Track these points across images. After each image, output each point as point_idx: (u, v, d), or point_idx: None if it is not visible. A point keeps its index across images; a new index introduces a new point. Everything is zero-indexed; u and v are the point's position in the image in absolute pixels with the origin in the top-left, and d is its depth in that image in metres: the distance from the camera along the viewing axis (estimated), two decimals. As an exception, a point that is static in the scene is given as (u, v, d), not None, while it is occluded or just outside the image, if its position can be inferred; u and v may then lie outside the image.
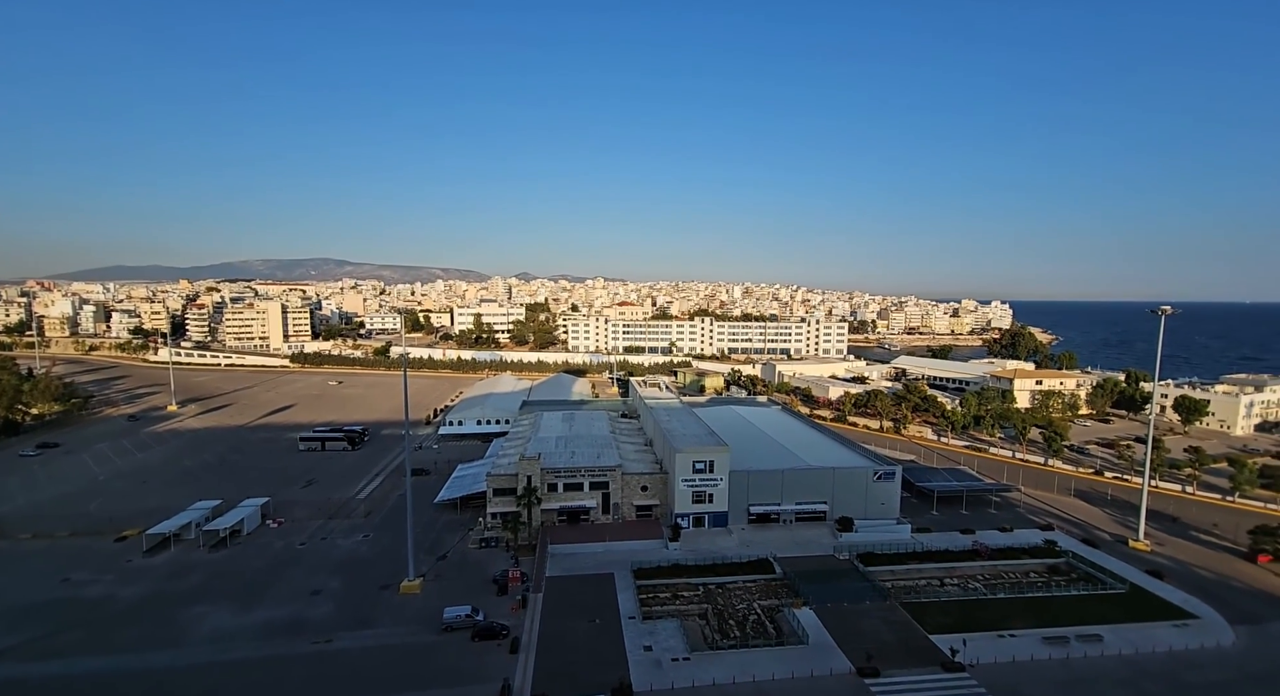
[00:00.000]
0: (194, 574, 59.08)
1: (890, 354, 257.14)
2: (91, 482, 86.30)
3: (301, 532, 69.03)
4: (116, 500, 78.55)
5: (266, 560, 62.19)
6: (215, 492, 78.16)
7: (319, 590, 55.93)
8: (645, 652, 45.94)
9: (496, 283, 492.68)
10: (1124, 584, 56.94)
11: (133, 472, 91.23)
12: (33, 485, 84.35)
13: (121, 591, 55.61)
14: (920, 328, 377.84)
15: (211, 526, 66.35)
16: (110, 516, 71.98)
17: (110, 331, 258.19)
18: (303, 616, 51.45)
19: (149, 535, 64.32)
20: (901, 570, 60.75)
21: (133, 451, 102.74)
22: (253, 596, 54.68)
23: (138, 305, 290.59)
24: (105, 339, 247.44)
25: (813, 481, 72.43)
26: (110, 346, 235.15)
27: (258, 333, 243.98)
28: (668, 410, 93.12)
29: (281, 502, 76.86)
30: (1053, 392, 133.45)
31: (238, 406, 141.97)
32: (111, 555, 62.78)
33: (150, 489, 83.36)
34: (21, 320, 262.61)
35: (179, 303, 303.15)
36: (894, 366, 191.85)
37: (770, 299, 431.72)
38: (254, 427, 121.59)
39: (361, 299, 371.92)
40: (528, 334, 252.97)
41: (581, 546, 64.20)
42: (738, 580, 58.31)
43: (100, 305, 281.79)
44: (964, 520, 73.85)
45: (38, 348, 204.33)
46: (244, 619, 51.05)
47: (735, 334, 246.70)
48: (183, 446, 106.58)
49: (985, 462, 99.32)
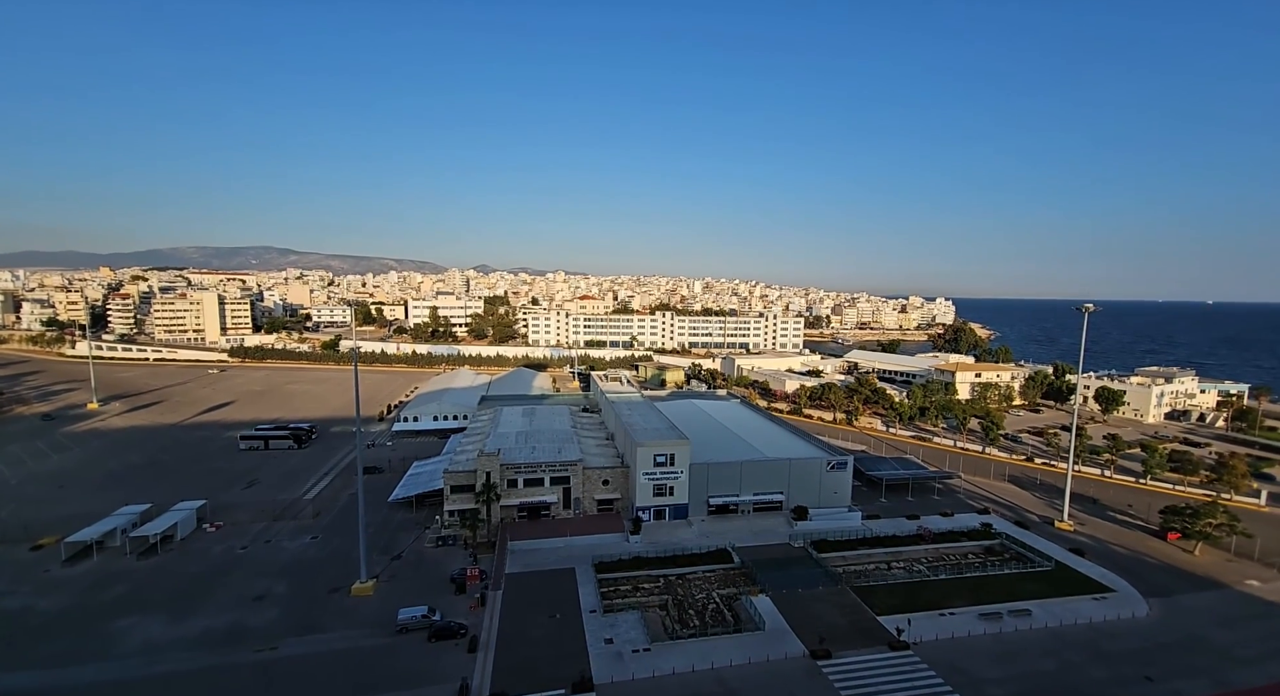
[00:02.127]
0: (121, 583, 55.07)
1: (843, 348, 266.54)
2: (2, 487, 78.85)
3: (243, 536, 65.45)
4: (31, 506, 72.12)
5: (203, 566, 58.66)
6: (145, 496, 72.92)
7: (262, 595, 53.27)
8: (606, 645, 46.20)
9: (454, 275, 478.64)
10: (1050, 561, 61.43)
11: (49, 476, 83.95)
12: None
13: (40, 603, 51.26)
14: (871, 323, 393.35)
15: (140, 532, 61.97)
16: (24, 523, 66.02)
17: (20, 323, 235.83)
18: (244, 624, 48.90)
19: (68, 543, 59.42)
20: (852, 555, 63.41)
21: (48, 453, 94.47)
22: (188, 605, 51.51)
23: (51, 294, 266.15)
24: (15, 331, 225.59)
25: (770, 472, 74.41)
26: (20, 339, 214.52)
27: (191, 325, 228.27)
28: (629, 404, 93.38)
29: (220, 505, 72.62)
30: (990, 385, 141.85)
31: (169, 404, 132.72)
32: (27, 565, 57.71)
33: (69, 493, 76.98)
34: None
35: (99, 292, 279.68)
36: (847, 360, 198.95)
37: (730, 294, 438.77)
38: (188, 426, 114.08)
39: (308, 290, 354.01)
40: (487, 328, 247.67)
41: (542, 542, 63.73)
42: (697, 570, 59.35)
43: (9, 294, 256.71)
44: (910, 506, 77.69)
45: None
46: (178, 629, 48.04)
47: (696, 328, 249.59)
48: (106, 447, 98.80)
49: (930, 451, 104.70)
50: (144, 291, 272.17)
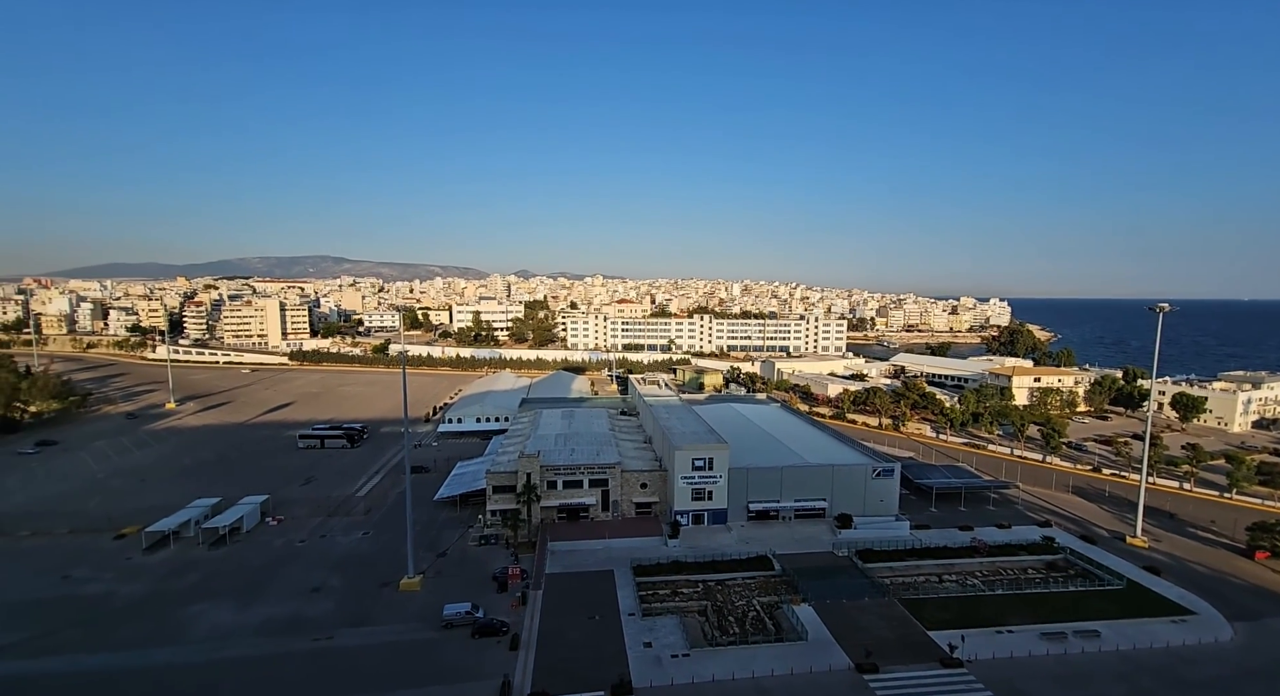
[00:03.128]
0: (193, 571, 59.09)
1: (889, 351, 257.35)
2: (90, 480, 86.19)
3: (301, 530, 69.04)
4: (115, 498, 78.47)
5: (266, 557, 62.20)
6: (214, 490, 78.10)
7: (319, 587, 55.97)
8: (645, 649, 46.07)
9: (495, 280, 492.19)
10: (1121, 580, 57.17)
11: (131, 470, 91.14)
12: (32, 483, 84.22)
13: (121, 589, 55.61)
14: (919, 325, 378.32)
15: (211, 524, 66.34)
16: (109, 514, 71.90)
17: (108, 329, 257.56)
18: (302, 613, 51.49)
19: (148, 532, 64.28)
20: (900, 566, 60.95)
21: (131, 449, 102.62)
22: (252, 594, 54.71)
23: (135, 303, 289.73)
24: (103, 337, 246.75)
25: (812, 478, 72.57)
26: (108, 344, 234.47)
27: (256, 330, 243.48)
28: (667, 407, 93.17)
29: (281, 500, 76.85)
30: (1051, 390, 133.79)
31: (236, 404, 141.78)
32: (111, 553, 62.76)
33: (149, 486, 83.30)
34: (19, 318, 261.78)
35: (176, 300, 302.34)
36: (893, 364, 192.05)
37: (769, 296, 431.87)
38: (253, 425, 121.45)
39: (360, 296, 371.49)
40: (527, 331, 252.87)
41: (581, 543, 64.30)
42: (737, 577, 58.44)
43: (97, 303, 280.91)
44: (962, 517, 74.06)
45: (35, 345, 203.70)
46: (244, 616, 51.08)
47: (734, 331, 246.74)
48: (181, 444, 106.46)
49: (983, 459, 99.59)
50: (215, 299, 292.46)
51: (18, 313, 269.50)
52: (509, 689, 41.36)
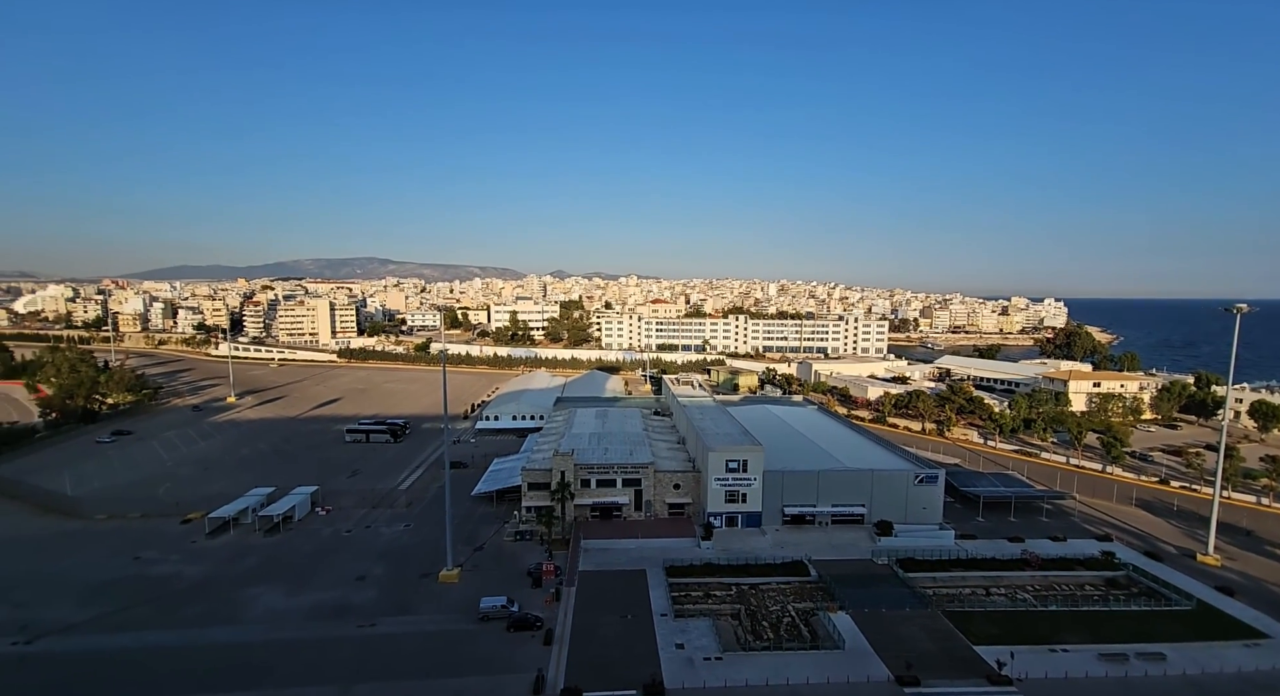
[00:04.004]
0: (250, 556, 62.59)
1: (933, 353, 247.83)
2: (160, 468, 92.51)
3: (348, 520, 72.11)
4: (182, 485, 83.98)
5: (315, 546, 65.26)
6: (269, 480, 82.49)
7: (364, 576, 58.32)
8: (677, 650, 45.92)
9: (532, 280, 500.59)
10: (1190, 600, 53.26)
11: (196, 459, 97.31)
12: (108, 470, 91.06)
13: (186, 570, 59.46)
14: (966, 326, 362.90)
15: (266, 512, 70.10)
16: (177, 500, 77.02)
17: (176, 327, 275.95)
18: (349, 600, 53.77)
19: (211, 518, 68.51)
20: (944, 577, 58.63)
21: (196, 439, 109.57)
22: (303, 579, 57.51)
23: (201, 303, 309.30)
24: (172, 334, 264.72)
25: (850, 483, 70.68)
26: (176, 341, 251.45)
27: (308, 329, 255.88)
28: (701, 408, 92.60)
29: (329, 491, 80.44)
30: (1113, 395, 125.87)
31: (290, 399, 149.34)
32: (178, 536, 67.21)
33: (212, 475, 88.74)
34: (99, 316, 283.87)
35: (237, 300, 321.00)
36: (937, 366, 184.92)
37: (806, 296, 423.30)
38: (304, 419, 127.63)
39: (404, 296, 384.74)
40: (562, 331, 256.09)
41: (614, 542, 64.67)
42: (771, 581, 57.54)
43: (167, 303, 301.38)
44: (1012, 527, 70.57)
45: (113, 342, 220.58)
46: (295, 600, 53.75)
47: (770, 332, 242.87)
48: (240, 436, 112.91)
49: (1036, 468, 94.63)
50: (271, 299, 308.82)
51: (98, 312, 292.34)
52: (543, 683, 42.00)
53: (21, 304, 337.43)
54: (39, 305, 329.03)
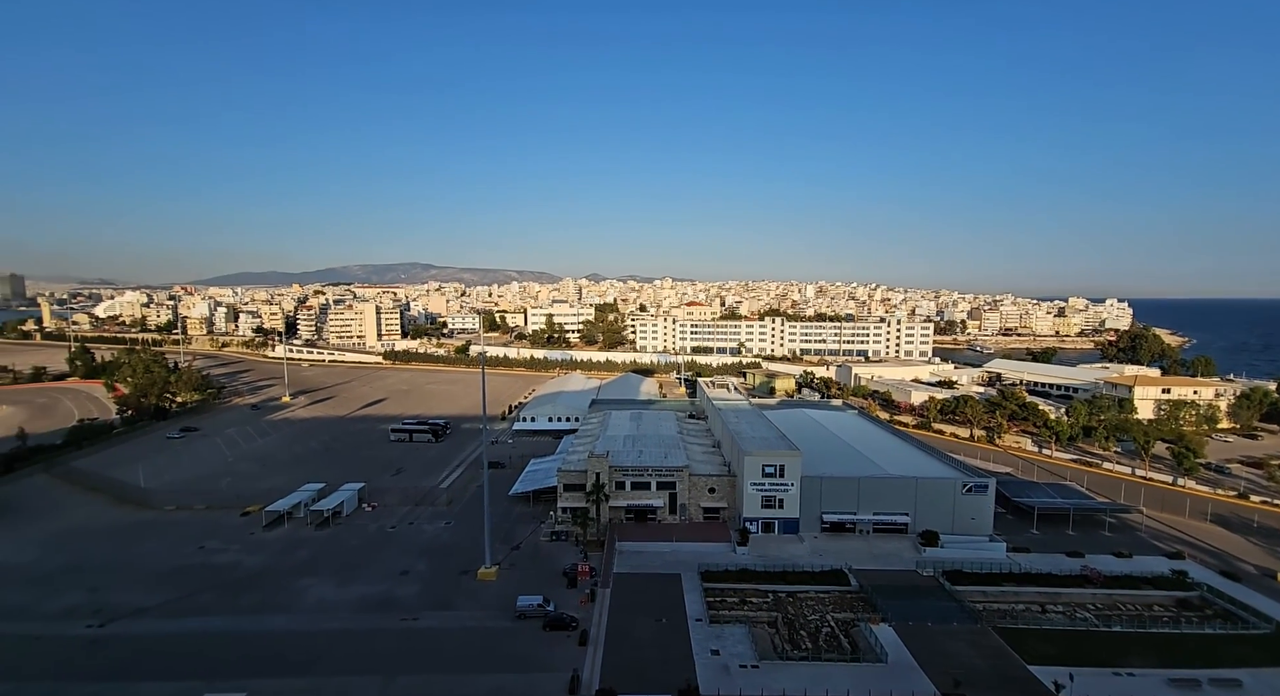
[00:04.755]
0: (303, 549, 65.68)
1: (982, 357, 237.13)
2: (222, 463, 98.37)
3: (392, 517, 74.71)
4: (242, 479, 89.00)
5: (362, 540, 67.90)
6: (320, 476, 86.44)
7: (407, 571, 60.25)
8: (713, 657, 45.39)
9: (568, 284, 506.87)
10: (1270, 623, 48.97)
11: (255, 455, 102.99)
12: (176, 464, 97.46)
13: (245, 560, 62.93)
14: (1018, 329, 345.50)
15: (317, 507, 73.43)
16: (237, 493, 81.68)
17: (238, 330, 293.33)
18: (393, 594, 55.66)
19: (267, 511, 72.30)
20: (995, 592, 55.79)
21: (255, 436, 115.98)
22: (351, 572, 59.90)
23: (259, 307, 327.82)
24: (233, 337, 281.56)
25: (893, 491, 68.31)
26: (237, 343, 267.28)
27: (356, 332, 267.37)
28: (736, 412, 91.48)
29: (375, 488, 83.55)
30: (1184, 403, 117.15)
31: (339, 399, 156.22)
32: (238, 527, 71.23)
33: (268, 470, 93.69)
34: (170, 320, 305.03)
35: (292, 305, 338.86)
36: (987, 370, 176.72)
37: (846, 298, 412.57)
38: (352, 418, 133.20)
39: (445, 300, 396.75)
40: (597, 334, 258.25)
41: (649, 545, 64.57)
42: (809, 590, 56.17)
43: (230, 307, 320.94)
44: (1071, 541, 66.55)
45: (181, 344, 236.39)
46: (344, 592, 56.04)
47: (808, 334, 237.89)
48: (294, 433, 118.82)
49: (1098, 479, 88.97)
50: (322, 304, 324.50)
51: (169, 315, 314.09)
52: (578, 683, 42.28)
53: (102, 309, 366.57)
54: (117, 310, 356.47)
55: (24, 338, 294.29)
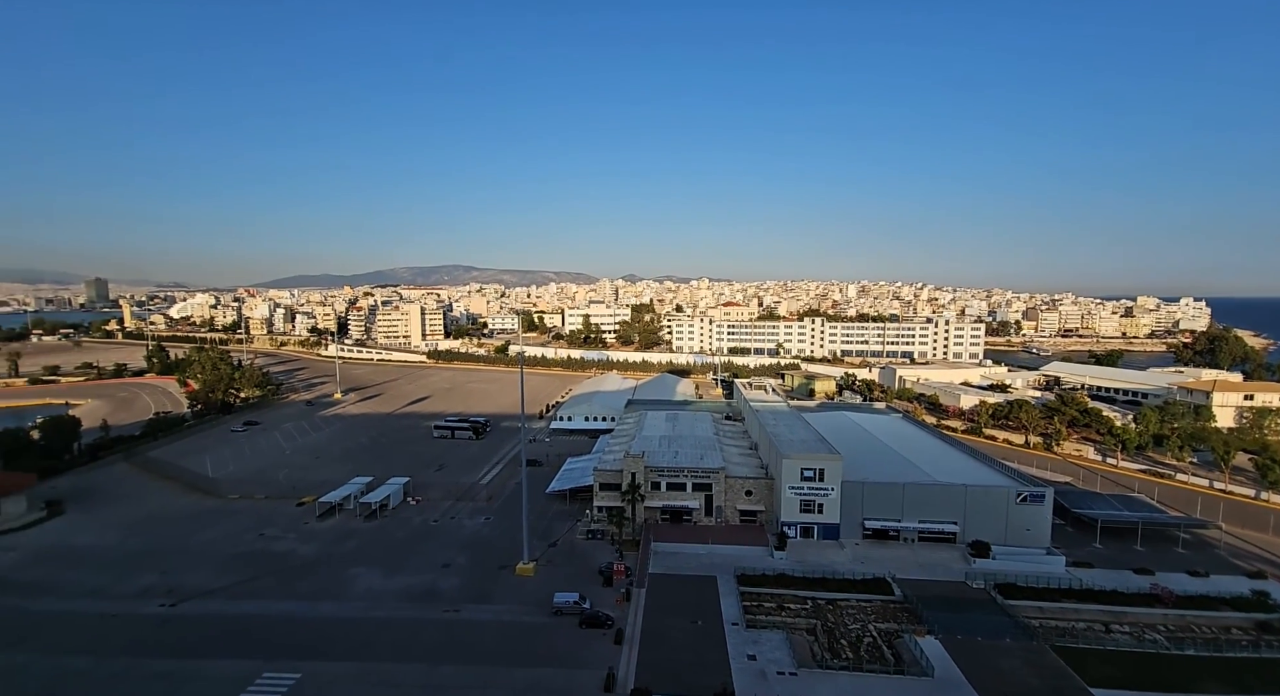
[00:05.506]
0: (352, 539, 68.69)
1: (1039, 359, 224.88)
2: (280, 455, 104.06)
3: (435, 511, 77.15)
4: (297, 471, 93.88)
5: (407, 533, 70.42)
6: (368, 470, 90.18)
7: (449, 564, 62.09)
8: (749, 662, 44.75)
9: (604, 284, 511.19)
10: (1380, 659, 44.16)
11: (309, 449, 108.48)
12: (239, 455, 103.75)
13: (301, 548, 66.34)
14: (1079, 330, 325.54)
15: (366, 499, 76.65)
16: (293, 484, 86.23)
17: (294, 330, 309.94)
18: (436, 586, 57.46)
19: (320, 502, 76.00)
20: (1053, 608, 52.70)
21: (309, 431, 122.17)
22: (396, 563, 62.22)
23: (314, 308, 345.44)
24: (290, 336, 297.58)
25: (940, 498, 65.53)
26: (294, 343, 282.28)
27: (402, 332, 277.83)
28: (774, 414, 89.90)
29: (419, 483, 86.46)
30: (1270, 410, 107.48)
31: (386, 396, 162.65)
32: (294, 517, 75.16)
33: (321, 463, 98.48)
34: (234, 320, 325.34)
35: (343, 306, 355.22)
36: (1044, 373, 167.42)
37: (890, 298, 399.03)
38: (398, 415, 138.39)
39: (485, 301, 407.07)
40: (633, 334, 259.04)
41: (684, 546, 64.25)
42: (850, 598, 54.57)
43: (288, 308, 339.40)
44: (1138, 557, 62.13)
45: (245, 343, 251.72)
46: (390, 582, 58.27)
47: (849, 335, 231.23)
48: (344, 429, 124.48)
49: (1169, 491, 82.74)
50: (371, 305, 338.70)
51: (233, 317, 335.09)
52: (613, 681, 42.50)
53: (175, 310, 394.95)
54: (189, 311, 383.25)
55: (107, 337, 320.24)
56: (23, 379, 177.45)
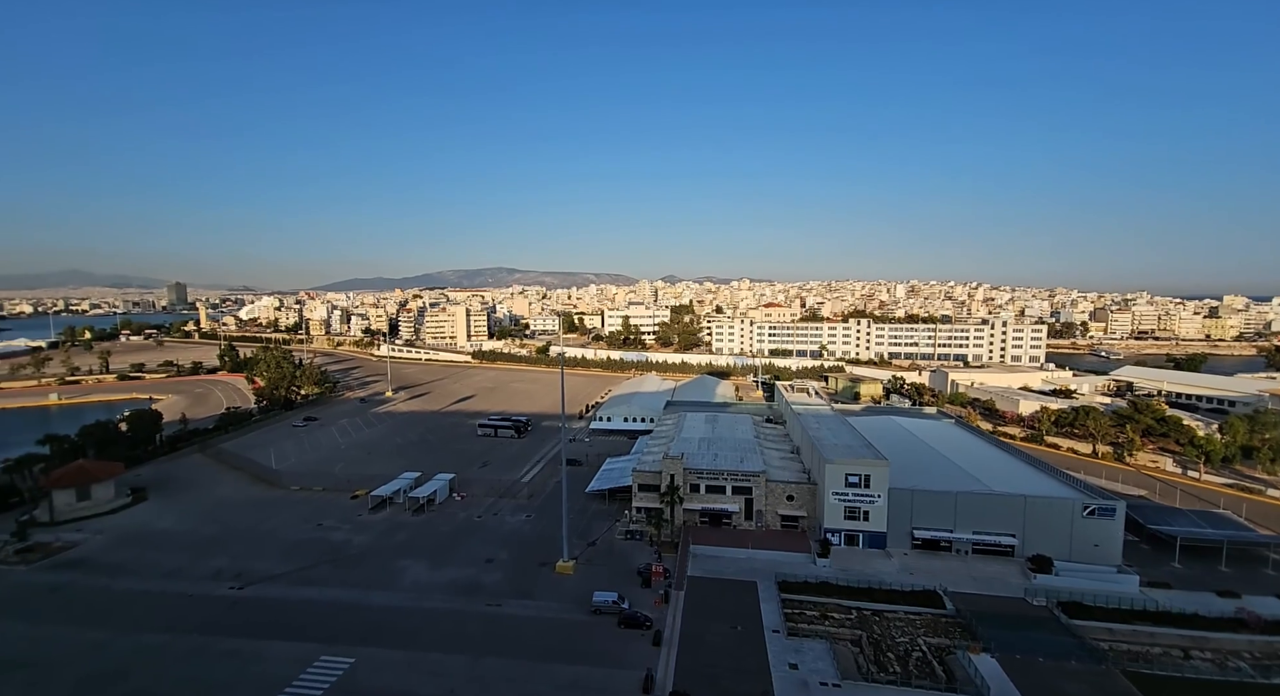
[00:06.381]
0: (401, 531, 71.53)
1: (1109, 363, 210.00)
2: (336, 450, 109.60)
3: (479, 507, 79.32)
4: (352, 465, 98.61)
5: (452, 527, 72.70)
6: (416, 465, 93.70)
7: (492, 559, 63.69)
8: (790, 670, 43.74)
9: (644, 286, 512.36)
10: None
11: (362, 444, 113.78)
12: (300, 449, 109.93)
13: (354, 538, 69.63)
14: (1155, 332, 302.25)
15: (414, 494, 79.61)
16: (348, 478, 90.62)
17: (349, 331, 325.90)
18: (479, 580, 59.07)
19: (372, 496, 79.52)
20: (1124, 631, 49.03)
21: (363, 427, 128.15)
22: (442, 557, 64.34)
23: (367, 310, 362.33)
24: (346, 337, 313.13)
25: (996, 508, 62.14)
26: (350, 343, 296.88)
27: (448, 333, 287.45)
28: (817, 417, 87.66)
29: (463, 479, 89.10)
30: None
31: (433, 394, 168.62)
32: (348, 509, 78.96)
33: (373, 458, 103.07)
34: (296, 322, 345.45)
35: (394, 308, 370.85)
36: (1114, 378, 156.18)
37: (942, 298, 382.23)
38: (444, 413, 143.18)
39: (527, 303, 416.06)
40: (672, 335, 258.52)
41: (723, 550, 63.51)
42: (898, 610, 52.51)
43: (344, 310, 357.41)
44: (1223, 579, 56.98)
45: (305, 343, 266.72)
46: (436, 575, 60.32)
47: (897, 337, 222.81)
48: (395, 426, 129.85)
49: (1260, 508, 75.50)
50: (420, 307, 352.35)
51: (295, 317, 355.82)
52: (651, 683, 42.45)
53: (244, 312, 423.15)
54: (256, 313, 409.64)
55: (185, 337, 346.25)
56: (113, 375, 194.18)
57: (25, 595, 56.49)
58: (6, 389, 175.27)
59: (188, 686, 43.43)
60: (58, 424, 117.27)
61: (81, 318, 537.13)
